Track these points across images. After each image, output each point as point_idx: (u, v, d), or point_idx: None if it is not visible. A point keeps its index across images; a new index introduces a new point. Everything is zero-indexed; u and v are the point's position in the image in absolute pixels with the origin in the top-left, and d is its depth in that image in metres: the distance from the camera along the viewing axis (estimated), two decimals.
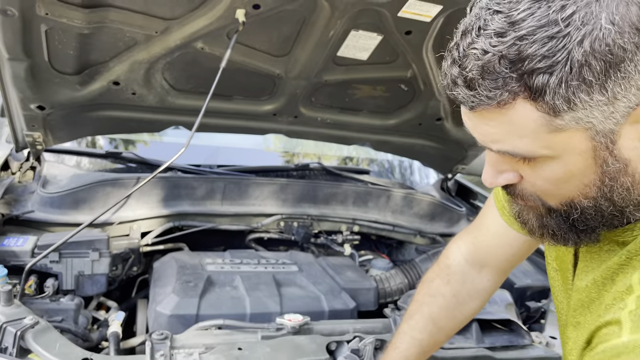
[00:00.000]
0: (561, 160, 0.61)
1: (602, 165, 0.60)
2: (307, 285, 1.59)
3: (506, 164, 0.65)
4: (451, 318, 1.05)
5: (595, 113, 0.56)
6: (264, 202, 1.91)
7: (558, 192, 0.65)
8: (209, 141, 2.40)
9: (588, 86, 0.54)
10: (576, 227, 0.66)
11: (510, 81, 0.55)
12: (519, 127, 0.59)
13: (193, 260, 1.64)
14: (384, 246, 2.29)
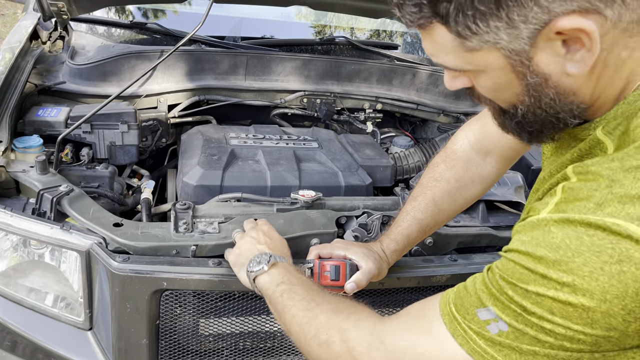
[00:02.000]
0: (488, 74, 0.67)
1: (523, 79, 0.65)
2: (325, 162, 1.65)
3: (455, 71, 0.71)
4: (452, 201, 1.11)
5: (502, 35, 0.61)
6: (286, 78, 1.92)
7: (500, 98, 0.71)
8: (235, 12, 2.33)
9: (482, 14, 0.59)
10: (525, 128, 0.72)
11: (424, 7, 0.62)
12: (441, 46, 0.66)
13: (218, 134, 1.71)
14: (408, 124, 2.30)
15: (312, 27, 3.02)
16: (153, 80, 1.78)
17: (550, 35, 0.59)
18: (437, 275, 1.25)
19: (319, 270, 1.05)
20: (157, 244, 1.15)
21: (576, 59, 0.61)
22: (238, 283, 1.10)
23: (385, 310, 1.31)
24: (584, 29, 0.57)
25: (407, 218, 1.11)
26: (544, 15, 0.58)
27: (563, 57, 0.61)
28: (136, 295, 1.11)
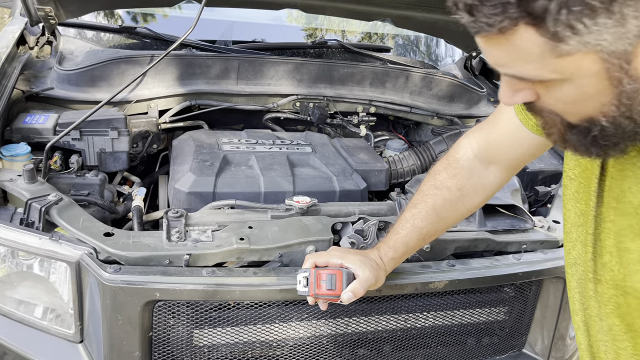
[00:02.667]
0: (574, 83, 0.59)
1: (617, 86, 0.59)
2: (320, 166, 1.63)
3: (522, 83, 0.64)
4: (453, 210, 1.08)
5: (605, 36, 0.54)
6: (279, 82, 1.90)
7: (576, 112, 0.64)
8: (226, 15, 2.31)
9: (592, 10, 0.52)
10: (598, 142, 0.65)
11: (509, 7, 0.54)
12: (523, 53, 0.58)
13: (210, 139, 1.68)
14: (402, 127, 2.29)
15: (304, 30, 3.00)
16: (143, 86, 1.76)
17: None
18: (435, 282, 1.23)
19: (315, 279, 1.02)
20: (149, 253, 1.12)
21: None
22: (232, 293, 1.07)
23: (383, 317, 1.29)
24: None
25: (406, 225, 1.09)
26: None
27: None
28: (128, 307, 1.09)
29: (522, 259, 1.32)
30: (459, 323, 1.38)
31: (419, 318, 1.33)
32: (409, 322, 1.32)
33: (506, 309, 1.41)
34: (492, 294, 1.38)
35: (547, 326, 1.42)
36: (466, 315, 1.37)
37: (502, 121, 1.02)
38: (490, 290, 1.37)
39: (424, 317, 1.33)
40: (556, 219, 1.47)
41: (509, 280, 1.32)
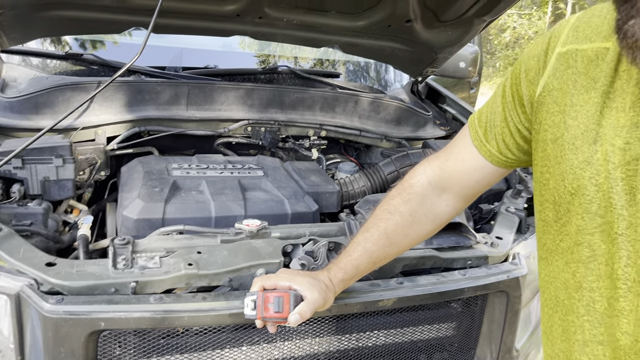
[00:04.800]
0: None
1: None
2: (271, 190, 1.65)
3: None
4: (404, 235, 1.09)
5: None
6: (230, 107, 1.91)
7: None
8: (176, 42, 2.32)
9: None
10: None
11: None
12: None
13: (159, 165, 1.67)
14: (353, 149, 2.34)
15: (257, 57, 3.04)
16: (90, 112, 1.73)
17: None
18: (384, 299, 1.25)
19: (262, 302, 1.03)
20: (93, 282, 1.10)
21: None
22: (181, 319, 1.06)
23: (335, 337, 1.30)
24: None
25: (357, 249, 1.10)
26: None
27: None
28: (71, 338, 1.05)
29: (467, 275, 1.36)
30: (410, 340, 1.40)
31: (370, 337, 1.35)
32: (360, 342, 1.33)
33: (454, 324, 1.45)
34: (440, 310, 1.41)
35: (494, 340, 1.47)
36: (416, 332, 1.40)
37: (457, 149, 1.04)
38: (438, 307, 1.41)
39: (375, 335, 1.35)
40: (499, 235, 1.53)
41: (455, 296, 1.36)
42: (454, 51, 2.13)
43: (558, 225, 0.83)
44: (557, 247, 0.83)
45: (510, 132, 0.94)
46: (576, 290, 0.79)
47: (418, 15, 1.93)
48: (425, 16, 1.94)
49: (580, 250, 0.78)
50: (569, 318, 0.82)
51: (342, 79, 2.97)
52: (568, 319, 0.82)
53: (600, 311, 0.76)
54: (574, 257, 0.79)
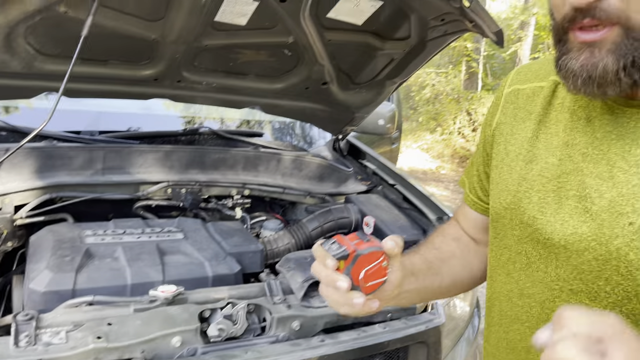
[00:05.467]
0: None
1: None
2: (191, 252, 1.62)
3: None
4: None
5: None
6: (148, 169, 1.89)
7: None
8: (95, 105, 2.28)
9: None
10: None
11: None
12: None
13: (72, 233, 1.61)
14: (278, 207, 2.35)
15: (182, 118, 3.03)
16: None
17: None
18: (307, 359, 1.24)
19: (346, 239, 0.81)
20: None
21: None
22: None
23: None
24: None
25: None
26: None
27: None
28: None
29: (387, 328, 1.38)
30: None
31: None
32: None
33: None
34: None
35: None
36: None
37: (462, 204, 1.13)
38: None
39: None
40: None
41: (377, 350, 1.36)
42: (370, 110, 2.23)
43: (497, 240, 0.92)
44: (498, 262, 0.92)
45: (480, 178, 1.02)
46: (519, 297, 0.86)
47: (334, 77, 2.02)
48: (340, 79, 2.04)
49: (519, 259, 0.86)
50: (514, 327, 0.88)
51: (269, 137, 3.02)
52: (513, 329, 0.88)
53: (536, 316, 0.84)
54: (515, 266, 0.87)
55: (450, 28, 1.69)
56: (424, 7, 1.61)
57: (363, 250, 0.78)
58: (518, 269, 0.87)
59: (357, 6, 1.65)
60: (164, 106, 2.90)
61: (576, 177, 0.78)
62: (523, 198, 0.85)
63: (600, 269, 0.74)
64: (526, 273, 0.85)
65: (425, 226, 1.97)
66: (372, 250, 0.79)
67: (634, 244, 0.70)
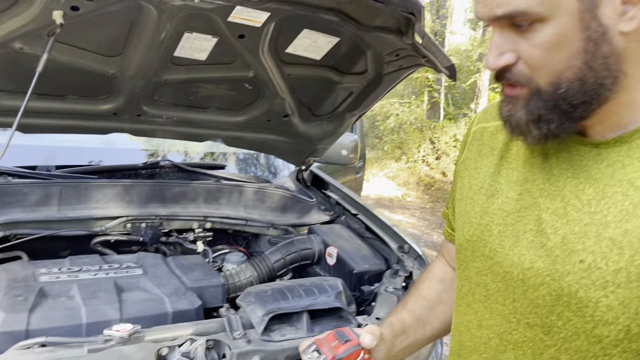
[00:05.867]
0: (553, 23, 0.69)
1: (585, 30, 0.68)
2: (151, 289, 1.59)
3: (507, 44, 0.74)
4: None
5: None
6: (107, 204, 1.86)
7: (548, 65, 0.71)
8: (53, 140, 2.25)
9: None
10: (560, 109, 0.73)
11: None
12: None
13: (25, 272, 1.56)
14: (242, 239, 2.34)
15: (145, 151, 3.01)
16: None
17: None
18: None
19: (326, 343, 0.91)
20: None
21: (630, 16, 0.67)
22: None
23: None
24: None
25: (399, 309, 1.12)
26: None
27: (619, 15, 0.67)
28: None
29: None
30: None
31: None
32: None
33: None
34: None
35: None
36: None
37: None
38: None
39: None
40: (379, 316, 1.58)
41: None
42: (332, 142, 2.27)
43: (460, 272, 0.94)
44: (459, 292, 0.94)
45: (453, 211, 1.06)
46: (477, 329, 0.88)
47: (295, 110, 2.06)
48: (301, 111, 2.08)
49: (479, 290, 0.88)
50: (472, 358, 0.90)
51: (233, 169, 3.02)
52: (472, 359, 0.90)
53: (494, 347, 0.85)
54: (475, 298, 0.89)
55: (405, 63, 1.76)
56: (379, 43, 1.67)
57: (341, 354, 0.86)
58: (477, 300, 0.89)
59: (315, 42, 1.70)
60: (128, 139, 2.89)
61: (534, 211, 0.80)
62: (484, 231, 0.87)
63: (553, 304, 0.76)
64: (485, 305, 0.87)
65: (387, 255, 1.99)
66: (350, 351, 0.87)
67: (583, 282, 0.72)
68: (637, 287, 0.68)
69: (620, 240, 0.70)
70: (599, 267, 0.71)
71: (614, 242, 0.70)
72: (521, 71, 0.74)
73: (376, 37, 1.63)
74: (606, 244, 0.71)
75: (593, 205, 0.74)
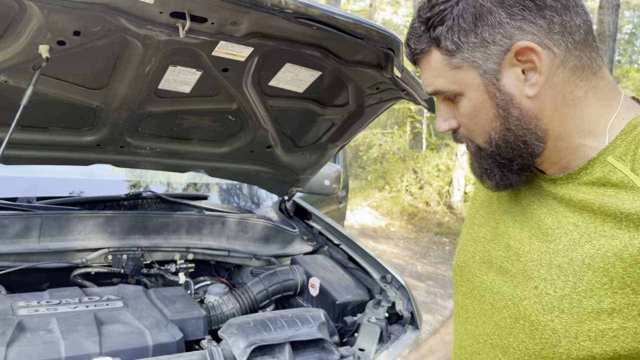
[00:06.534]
0: (467, 96, 0.80)
1: (494, 99, 0.78)
2: (131, 321, 1.57)
3: (447, 112, 0.86)
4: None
5: (477, 54, 0.77)
6: (88, 236, 1.85)
7: (477, 128, 0.83)
8: (34, 171, 2.24)
9: (465, 31, 0.77)
10: (498, 162, 0.83)
11: (425, 36, 0.81)
12: (435, 70, 0.82)
13: (3, 305, 1.53)
14: (224, 270, 2.33)
15: (127, 182, 3.00)
16: None
17: (513, 60, 0.76)
18: None
19: None
20: None
21: (532, 82, 0.76)
22: None
23: None
24: (535, 49, 0.74)
25: None
26: (507, 40, 0.75)
27: (522, 82, 0.76)
28: None
29: None
30: None
31: None
32: None
33: None
34: None
35: None
36: None
37: None
38: None
39: None
40: (361, 346, 1.58)
41: None
42: (314, 172, 2.30)
43: (454, 294, 1.01)
44: (453, 315, 1.00)
45: None
46: (458, 349, 0.95)
47: (277, 141, 2.09)
48: (284, 142, 2.11)
49: (462, 313, 0.95)
50: None
51: (216, 199, 3.02)
52: None
53: None
54: (459, 319, 0.96)
55: (385, 96, 1.80)
56: (360, 77, 1.72)
57: None
58: (460, 322, 0.95)
59: (297, 76, 1.74)
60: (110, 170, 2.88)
61: (504, 239, 0.87)
62: (470, 257, 0.95)
63: (512, 327, 0.81)
64: (464, 327, 0.93)
65: (370, 285, 2.00)
66: None
67: (535, 306, 0.77)
68: (577, 312, 0.73)
69: (566, 268, 0.75)
70: (548, 293, 0.76)
71: (561, 270, 0.76)
72: (463, 133, 0.86)
73: (357, 72, 1.68)
74: (555, 272, 0.76)
75: (549, 234, 0.80)
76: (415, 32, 0.83)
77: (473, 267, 0.92)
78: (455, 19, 0.77)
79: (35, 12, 1.25)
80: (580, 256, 0.74)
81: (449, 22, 0.77)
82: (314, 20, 1.30)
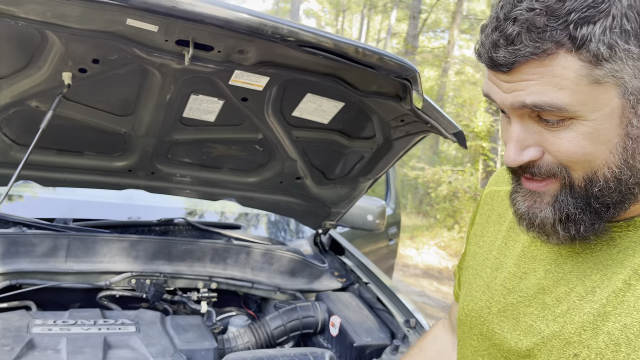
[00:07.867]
0: (589, 120, 0.61)
1: (626, 127, 0.61)
2: (139, 347, 1.56)
3: (530, 137, 0.65)
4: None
5: (628, 68, 0.58)
6: (112, 259, 1.89)
7: (582, 159, 0.63)
8: (75, 195, 2.35)
9: (627, 36, 0.57)
10: (592, 208, 0.65)
11: (555, 32, 0.58)
12: (559, 79, 0.60)
13: (21, 322, 1.58)
14: (253, 302, 2.29)
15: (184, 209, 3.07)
16: None
17: None
18: None
19: None
20: None
21: None
22: None
23: None
24: None
25: None
26: None
27: None
28: None
29: None
30: None
31: None
32: None
33: None
34: None
35: None
36: None
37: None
38: None
39: None
40: None
41: None
42: (347, 206, 2.23)
43: (458, 346, 0.90)
44: None
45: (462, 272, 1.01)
46: None
47: (307, 173, 2.05)
48: (314, 174, 2.07)
49: None
50: None
51: (263, 231, 3.02)
52: None
53: None
54: None
55: (412, 129, 1.72)
56: (382, 108, 1.66)
57: None
58: None
59: (320, 107, 1.71)
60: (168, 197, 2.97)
61: (536, 294, 0.74)
62: (484, 307, 0.82)
63: None
64: None
65: (394, 329, 1.87)
66: None
67: None
68: None
69: (618, 336, 0.62)
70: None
71: (611, 338, 0.63)
72: (550, 164, 0.66)
73: (378, 103, 1.62)
74: (602, 339, 0.64)
75: (597, 294, 0.66)
76: (532, 25, 0.59)
77: (489, 320, 0.80)
78: (617, 17, 0.57)
79: (55, 41, 1.32)
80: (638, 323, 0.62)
81: (607, 20, 0.57)
82: (319, 49, 1.26)
